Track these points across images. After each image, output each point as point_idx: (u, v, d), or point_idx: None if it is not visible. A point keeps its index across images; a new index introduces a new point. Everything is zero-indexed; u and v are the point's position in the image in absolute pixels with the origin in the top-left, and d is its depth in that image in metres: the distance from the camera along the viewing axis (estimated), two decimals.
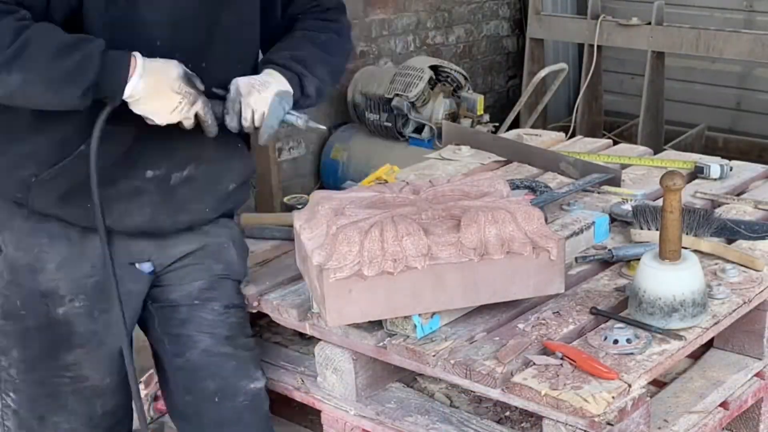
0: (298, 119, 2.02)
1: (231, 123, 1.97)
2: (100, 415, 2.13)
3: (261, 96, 1.98)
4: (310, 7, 2.18)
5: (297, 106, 2.04)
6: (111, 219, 1.97)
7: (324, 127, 2.11)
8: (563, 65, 5.10)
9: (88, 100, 1.81)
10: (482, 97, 5.14)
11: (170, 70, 1.87)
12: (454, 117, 5.01)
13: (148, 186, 2.00)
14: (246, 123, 1.98)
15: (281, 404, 2.46)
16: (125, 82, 1.82)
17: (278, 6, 2.14)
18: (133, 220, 2.02)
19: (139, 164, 1.98)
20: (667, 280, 1.91)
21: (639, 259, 1.99)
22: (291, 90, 2.03)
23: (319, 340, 2.10)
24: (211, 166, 2.07)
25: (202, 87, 1.91)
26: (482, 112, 5.08)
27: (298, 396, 2.20)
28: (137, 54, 1.84)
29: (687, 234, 2.22)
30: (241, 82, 1.98)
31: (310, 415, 2.39)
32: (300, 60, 2.08)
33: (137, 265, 2.09)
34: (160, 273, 2.14)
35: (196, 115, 1.91)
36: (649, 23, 5.17)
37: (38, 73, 1.76)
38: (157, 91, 1.85)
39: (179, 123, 1.90)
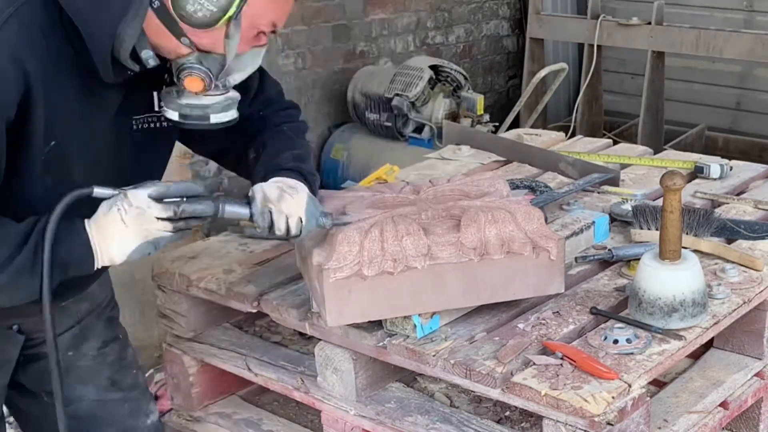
0: (326, 221, 1.89)
1: (258, 232, 1.85)
2: None
3: (294, 201, 1.81)
4: (265, 105, 2.06)
5: None
6: None
7: (350, 221, 1.96)
8: (563, 65, 5.10)
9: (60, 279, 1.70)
10: (482, 96, 5.15)
11: (102, 208, 1.70)
12: (454, 117, 5.01)
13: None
14: (280, 232, 1.81)
15: (281, 404, 2.46)
16: (92, 255, 1.69)
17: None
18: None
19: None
20: (667, 280, 1.91)
21: (639, 259, 1.99)
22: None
23: (319, 340, 2.10)
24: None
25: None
26: (482, 112, 5.08)
27: (298, 396, 2.20)
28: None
29: (687, 234, 2.22)
30: (266, 188, 1.82)
31: (310, 415, 2.39)
32: (302, 159, 1.96)
33: (12, 328, 1.96)
34: (23, 324, 1.96)
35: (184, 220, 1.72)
36: (649, 23, 5.17)
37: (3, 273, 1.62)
38: (106, 232, 1.69)
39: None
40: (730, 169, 2.83)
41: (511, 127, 4.68)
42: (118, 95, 1.78)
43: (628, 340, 1.86)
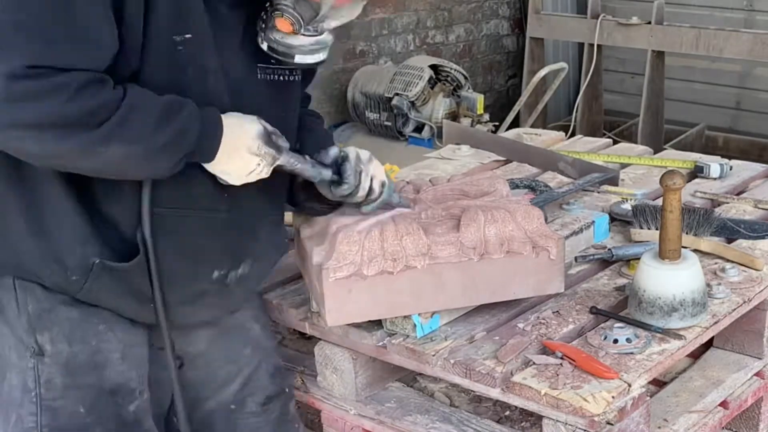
0: (397, 196, 1.98)
1: (344, 191, 1.85)
2: None
3: (380, 166, 1.91)
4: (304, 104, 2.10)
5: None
6: (171, 318, 1.78)
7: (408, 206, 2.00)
8: (563, 64, 5.10)
9: (181, 166, 1.64)
10: (482, 96, 5.15)
11: (249, 127, 1.70)
12: (454, 116, 5.01)
13: (211, 288, 1.82)
14: (363, 192, 1.88)
15: None
16: (219, 144, 1.66)
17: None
18: (189, 320, 1.87)
19: (207, 264, 1.80)
20: (667, 279, 1.91)
21: (639, 259, 1.99)
22: None
23: (319, 339, 2.10)
24: (260, 262, 1.91)
25: (286, 144, 1.77)
26: (482, 112, 5.08)
27: (298, 395, 2.20)
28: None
29: (687, 233, 2.22)
30: (359, 149, 1.89)
31: (310, 415, 2.39)
32: None
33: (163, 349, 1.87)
34: (185, 368, 1.91)
35: (280, 168, 1.77)
36: (649, 22, 5.17)
37: (141, 145, 1.57)
38: (235, 152, 1.68)
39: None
40: (730, 169, 2.83)
41: (510, 127, 4.68)
42: (238, 24, 1.75)
43: (628, 340, 1.86)
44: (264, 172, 1.73)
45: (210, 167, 1.70)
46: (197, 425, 1.95)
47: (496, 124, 5.14)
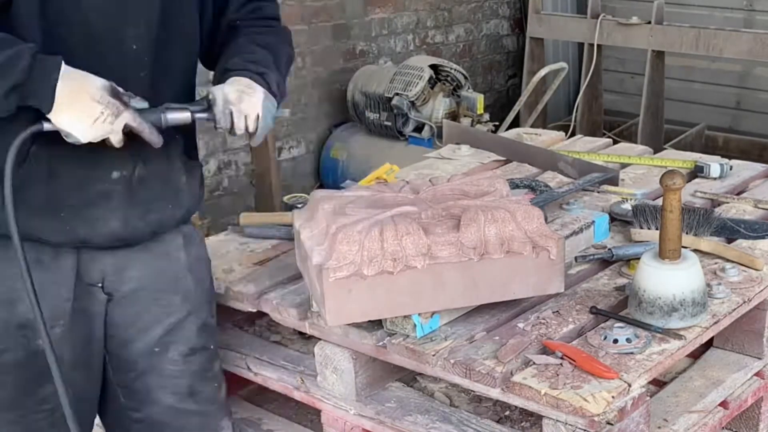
0: (283, 112, 2.03)
1: (221, 131, 1.91)
2: None
3: (252, 100, 1.91)
4: (248, 13, 2.09)
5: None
6: (86, 229, 1.88)
7: (287, 112, 2.07)
8: (563, 64, 5.10)
9: (11, 104, 1.68)
10: (482, 96, 5.15)
11: (93, 79, 1.72)
12: (453, 116, 5.02)
13: (115, 188, 1.89)
14: (240, 131, 1.91)
15: (281, 404, 2.46)
16: (55, 87, 1.67)
17: (209, 11, 2.03)
18: (108, 227, 1.90)
19: (104, 164, 1.87)
20: (667, 279, 1.91)
21: (639, 259, 1.99)
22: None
23: (319, 339, 2.10)
24: (154, 163, 1.94)
25: (139, 104, 1.79)
26: (482, 111, 5.09)
27: (298, 395, 2.20)
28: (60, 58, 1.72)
29: (687, 233, 2.22)
30: (227, 90, 1.90)
31: (310, 415, 2.39)
32: (254, 61, 2.00)
33: (95, 286, 1.98)
34: (113, 306, 2.00)
35: (129, 129, 1.77)
36: (649, 22, 5.17)
37: None
38: (77, 98, 1.69)
39: (106, 140, 1.75)
40: (730, 169, 2.83)
41: (510, 127, 4.69)
42: None
43: (628, 340, 1.86)
44: (108, 122, 1.72)
45: (53, 118, 1.70)
46: (124, 365, 2.04)
47: (496, 124, 5.15)
